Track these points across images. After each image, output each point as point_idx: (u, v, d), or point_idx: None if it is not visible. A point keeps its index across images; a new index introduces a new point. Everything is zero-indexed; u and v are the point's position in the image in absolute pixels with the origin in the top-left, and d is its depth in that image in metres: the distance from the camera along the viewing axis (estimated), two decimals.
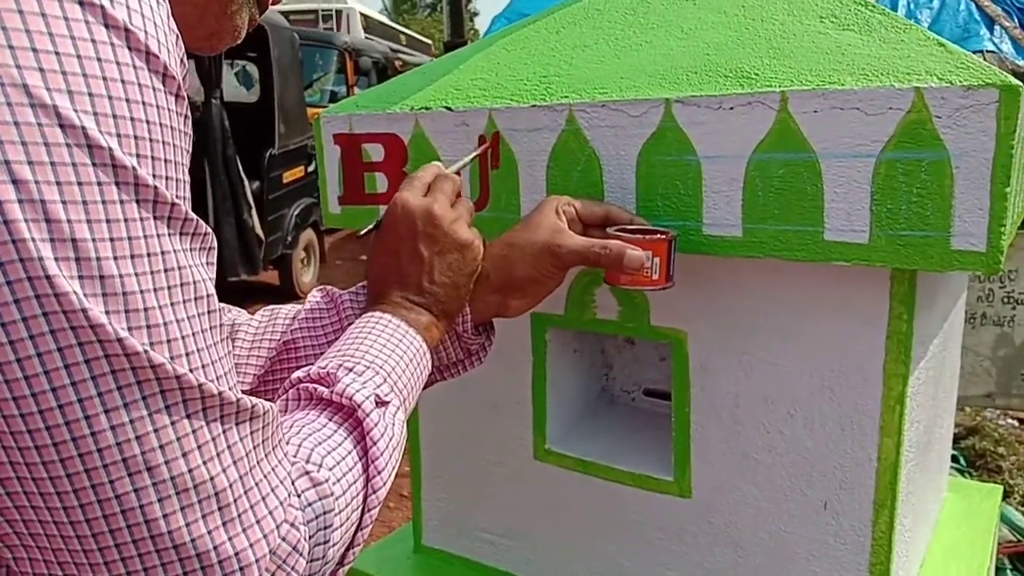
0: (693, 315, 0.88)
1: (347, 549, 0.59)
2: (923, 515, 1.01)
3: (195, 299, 0.46)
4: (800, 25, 0.82)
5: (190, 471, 0.45)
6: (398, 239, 0.77)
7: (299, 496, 0.53)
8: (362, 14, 13.85)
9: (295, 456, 0.55)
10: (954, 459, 2.74)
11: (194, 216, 0.46)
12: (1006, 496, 2.48)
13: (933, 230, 0.69)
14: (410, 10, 34.24)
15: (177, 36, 0.46)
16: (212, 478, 0.46)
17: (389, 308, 0.74)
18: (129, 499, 0.43)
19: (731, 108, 0.76)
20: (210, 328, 0.47)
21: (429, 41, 18.76)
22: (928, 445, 0.98)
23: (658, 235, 0.78)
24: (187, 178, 0.47)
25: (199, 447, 0.45)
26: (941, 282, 0.93)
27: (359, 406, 0.62)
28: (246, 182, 5.33)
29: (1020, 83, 0.65)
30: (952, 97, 0.67)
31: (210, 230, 0.48)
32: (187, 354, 0.45)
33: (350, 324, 0.74)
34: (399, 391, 0.67)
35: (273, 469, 0.51)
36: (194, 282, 0.46)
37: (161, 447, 0.44)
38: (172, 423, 0.44)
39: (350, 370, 0.65)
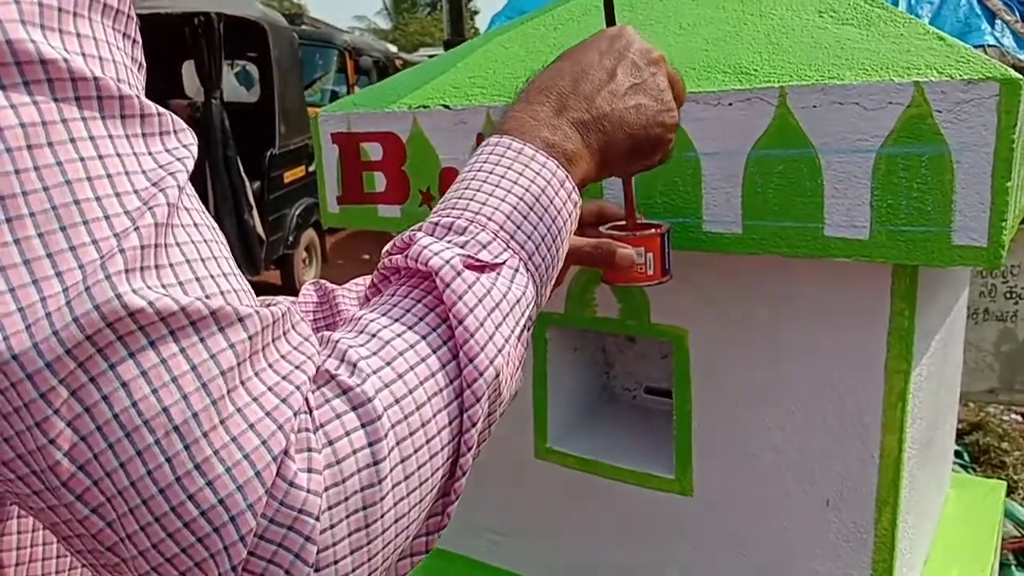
0: (694, 312, 0.88)
1: (427, 517, 0.44)
2: (926, 512, 1.01)
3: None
4: (798, 20, 0.82)
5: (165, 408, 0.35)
6: (598, 52, 0.60)
7: (310, 413, 0.38)
8: None
9: (326, 358, 0.42)
10: (957, 455, 2.73)
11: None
12: (1010, 492, 2.48)
13: (934, 225, 0.69)
14: (410, 9, 34.19)
15: None
16: (168, 407, 0.35)
17: (518, 130, 0.56)
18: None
19: (730, 104, 0.75)
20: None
21: None
22: (931, 441, 0.97)
23: (650, 230, 0.77)
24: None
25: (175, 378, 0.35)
26: (943, 278, 0.93)
27: (436, 272, 0.47)
28: (247, 182, 5.33)
29: (1021, 77, 0.64)
30: (952, 91, 0.66)
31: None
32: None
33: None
34: (519, 246, 0.52)
35: (270, 388, 0.38)
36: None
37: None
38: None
39: (439, 226, 0.51)
